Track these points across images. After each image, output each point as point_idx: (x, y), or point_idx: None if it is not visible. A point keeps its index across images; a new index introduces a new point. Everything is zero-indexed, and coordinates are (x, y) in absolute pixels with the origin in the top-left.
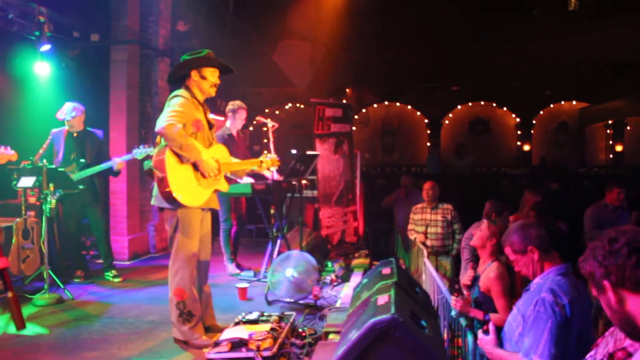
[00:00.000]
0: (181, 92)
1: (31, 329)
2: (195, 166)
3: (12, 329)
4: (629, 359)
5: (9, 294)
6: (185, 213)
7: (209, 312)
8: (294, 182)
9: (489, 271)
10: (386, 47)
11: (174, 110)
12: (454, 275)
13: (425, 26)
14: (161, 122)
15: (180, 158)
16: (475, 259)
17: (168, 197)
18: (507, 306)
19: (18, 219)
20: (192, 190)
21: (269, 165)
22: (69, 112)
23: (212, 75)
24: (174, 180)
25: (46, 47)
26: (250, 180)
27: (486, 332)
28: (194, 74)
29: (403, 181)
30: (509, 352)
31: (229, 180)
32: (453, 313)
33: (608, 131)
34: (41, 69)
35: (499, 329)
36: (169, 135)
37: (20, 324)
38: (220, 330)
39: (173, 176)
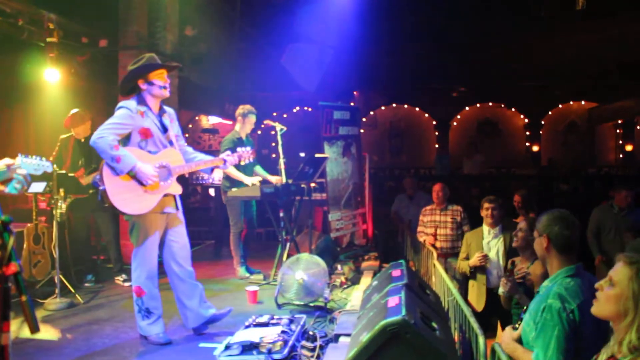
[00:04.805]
0: (125, 102)
1: (43, 334)
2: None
3: (25, 333)
4: None
5: (23, 298)
6: (139, 218)
7: (205, 305)
8: (302, 185)
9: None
10: (393, 49)
11: (109, 124)
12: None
13: (432, 28)
14: (94, 136)
15: (115, 170)
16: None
17: (114, 207)
18: None
19: (29, 224)
20: (135, 199)
21: (232, 162)
22: (75, 121)
23: (159, 77)
24: (113, 192)
25: (55, 54)
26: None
27: (517, 329)
28: (141, 83)
29: (405, 184)
30: (523, 349)
31: (236, 183)
32: (501, 291)
33: (618, 131)
34: (51, 75)
35: None
36: (99, 148)
37: (34, 327)
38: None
39: (112, 188)
